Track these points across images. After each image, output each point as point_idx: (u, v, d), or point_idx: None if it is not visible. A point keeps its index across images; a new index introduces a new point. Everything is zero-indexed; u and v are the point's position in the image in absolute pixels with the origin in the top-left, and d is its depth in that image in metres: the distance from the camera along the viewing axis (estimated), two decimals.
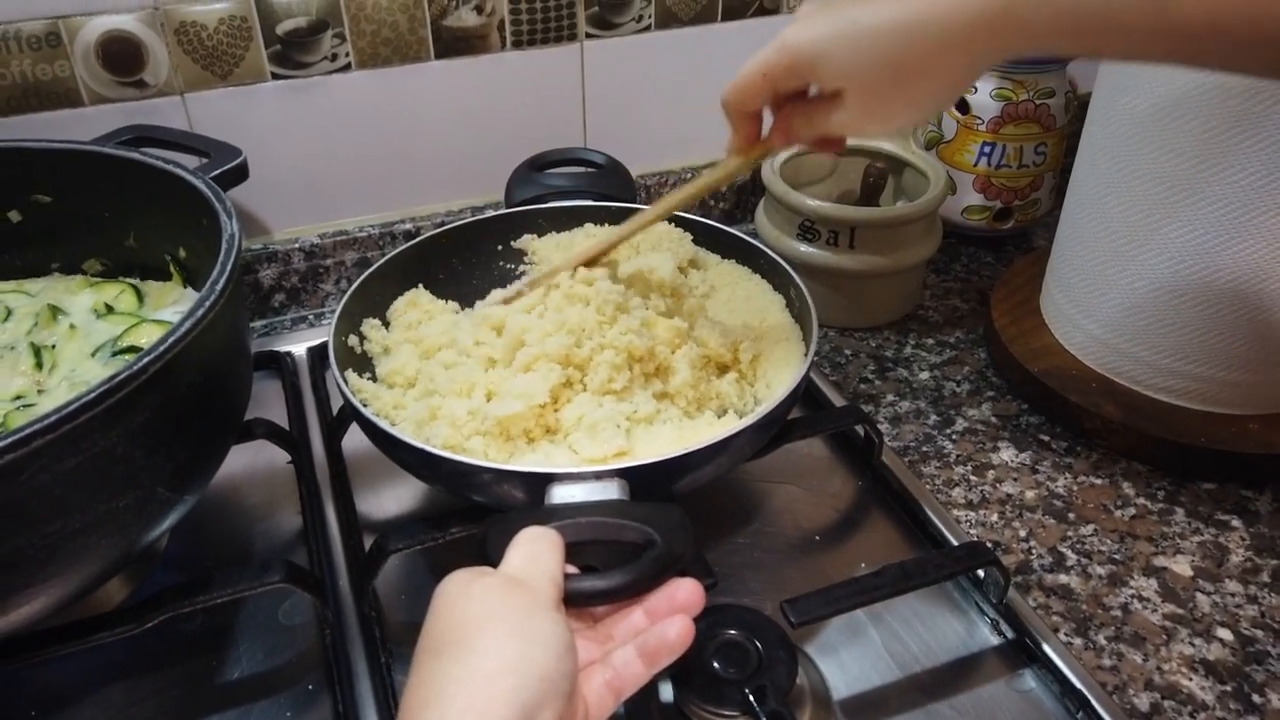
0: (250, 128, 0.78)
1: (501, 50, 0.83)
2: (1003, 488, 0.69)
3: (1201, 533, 0.65)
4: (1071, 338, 0.77)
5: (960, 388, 0.79)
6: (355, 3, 0.76)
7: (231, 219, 0.57)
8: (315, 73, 0.78)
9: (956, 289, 0.91)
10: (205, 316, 0.49)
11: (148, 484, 0.49)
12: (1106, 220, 0.71)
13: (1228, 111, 0.61)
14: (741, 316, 0.69)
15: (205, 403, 0.53)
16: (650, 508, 0.47)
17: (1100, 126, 0.71)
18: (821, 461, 0.70)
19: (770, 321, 0.68)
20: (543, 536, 0.42)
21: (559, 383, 0.58)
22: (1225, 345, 0.68)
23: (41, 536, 0.45)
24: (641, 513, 0.47)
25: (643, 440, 0.58)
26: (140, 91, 0.74)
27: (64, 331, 0.64)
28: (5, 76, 0.71)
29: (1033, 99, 0.88)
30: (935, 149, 0.94)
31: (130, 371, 0.45)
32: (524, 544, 0.42)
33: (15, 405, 0.58)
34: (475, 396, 0.59)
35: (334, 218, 0.86)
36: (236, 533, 0.66)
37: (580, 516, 0.46)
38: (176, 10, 0.72)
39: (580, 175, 0.82)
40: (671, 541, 0.44)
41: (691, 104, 0.92)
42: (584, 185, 0.80)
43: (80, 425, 0.43)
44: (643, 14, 0.86)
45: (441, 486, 0.58)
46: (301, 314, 0.87)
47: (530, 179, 0.81)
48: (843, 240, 0.81)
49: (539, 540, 0.42)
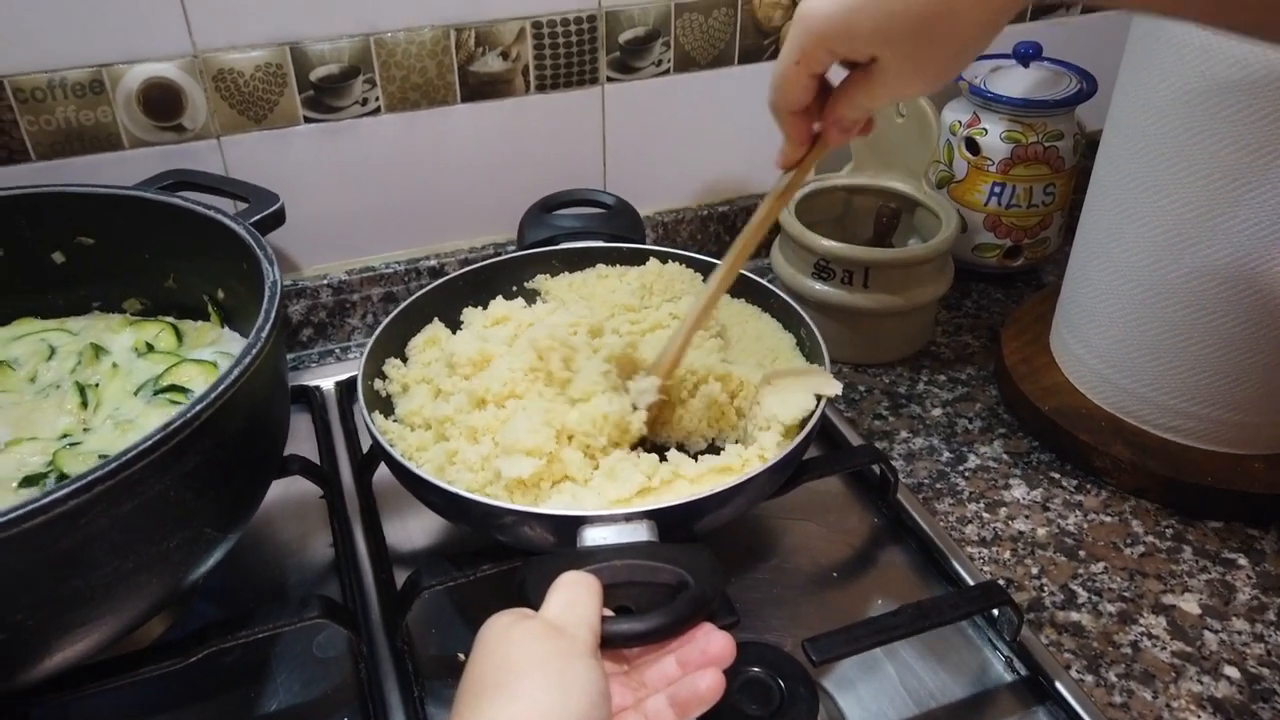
0: (283, 169, 0.81)
1: (525, 94, 0.85)
2: (1015, 525, 0.71)
3: (1209, 571, 0.67)
4: (1081, 377, 0.78)
5: (972, 424, 0.81)
6: (386, 50, 0.79)
7: (273, 266, 0.59)
8: (346, 116, 0.81)
9: (967, 325, 0.93)
10: (252, 363, 0.52)
11: (197, 524, 0.51)
12: (1114, 264, 0.73)
13: (1230, 163, 0.63)
14: (753, 355, 0.71)
15: (250, 444, 0.55)
16: (681, 549, 0.49)
17: (1107, 172, 0.73)
18: (838, 498, 0.72)
19: (781, 361, 0.70)
20: (581, 582, 0.44)
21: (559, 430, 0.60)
22: (1231, 387, 0.70)
23: (98, 577, 0.47)
24: (673, 554, 0.49)
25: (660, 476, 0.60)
26: (179, 135, 0.77)
27: (107, 370, 0.66)
28: (50, 122, 0.73)
29: (1042, 141, 0.90)
30: (946, 188, 0.96)
31: (184, 419, 0.47)
32: (563, 589, 0.44)
33: (63, 444, 0.60)
34: (484, 442, 0.60)
35: (361, 254, 0.88)
36: (270, 566, 0.68)
37: (614, 559, 0.48)
38: (215, 58, 0.75)
39: (590, 216, 0.85)
40: (704, 583, 0.46)
41: (708, 144, 0.95)
42: (594, 226, 0.83)
43: (137, 471, 0.45)
44: (662, 58, 0.88)
45: (471, 528, 0.60)
46: (328, 348, 0.90)
47: (541, 220, 0.84)
48: (857, 279, 0.83)
49: (578, 586, 0.44)
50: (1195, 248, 0.67)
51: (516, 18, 0.82)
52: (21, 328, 0.71)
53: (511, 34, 0.82)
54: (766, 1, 0.89)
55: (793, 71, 0.50)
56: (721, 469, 0.60)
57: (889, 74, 0.47)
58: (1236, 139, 0.63)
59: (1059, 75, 0.92)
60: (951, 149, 0.94)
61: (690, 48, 0.89)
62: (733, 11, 0.88)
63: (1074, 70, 0.93)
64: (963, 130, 0.93)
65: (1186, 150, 0.65)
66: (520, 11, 0.82)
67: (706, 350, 0.68)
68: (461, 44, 0.81)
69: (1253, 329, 0.67)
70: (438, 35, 0.80)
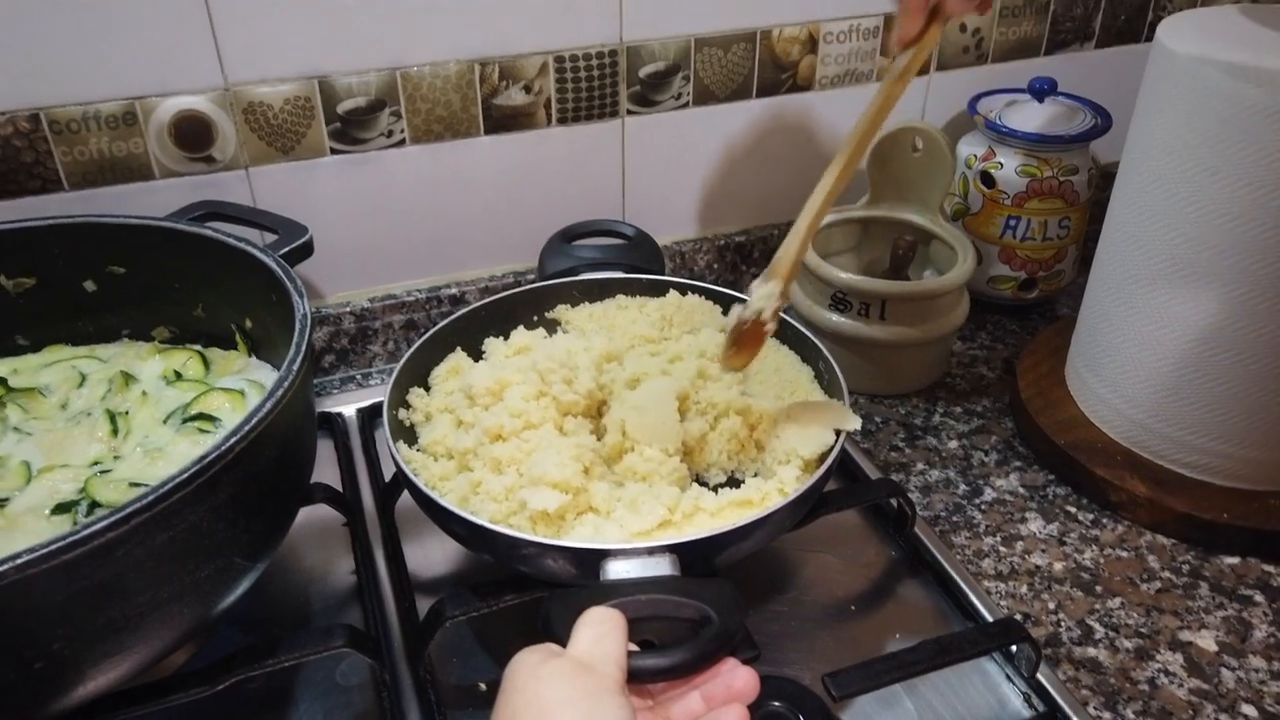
0: (309, 199, 0.82)
1: (547, 126, 0.87)
2: (1031, 559, 0.71)
3: (1226, 608, 0.67)
4: (1096, 411, 0.79)
5: (988, 457, 0.81)
6: (412, 83, 0.81)
7: (303, 299, 0.60)
8: (372, 148, 0.82)
9: (983, 357, 0.94)
10: (284, 396, 0.53)
11: (228, 554, 0.52)
12: (1129, 299, 0.73)
13: (1244, 202, 0.64)
14: (772, 388, 0.72)
15: (279, 474, 0.56)
16: (704, 584, 0.50)
17: (1123, 208, 0.74)
18: (855, 531, 0.73)
19: (799, 393, 0.71)
20: (607, 618, 0.45)
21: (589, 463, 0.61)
22: (1247, 423, 0.70)
23: (134, 606, 0.48)
24: (697, 589, 0.49)
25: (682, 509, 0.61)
26: (208, 166, 0.78)
27: (136, 398, 0.68)
28: (84, 153, 0.75)
29: (1057, 176, 0.91)
30: (962, 220, 0.97)
31: (219, 451, 0.48)
32: (590, 625, 0.44)
33: (94, 471, 0.61)
34: (508, 473, 0.61)
35: (383, 282, 0.90)
36: (293, 594, 0.68)
37: (638, 593, 0.49)
38: (245, 91, 0.77)
39: (610, 247, 0.86)
40: (727, 619, 0.47)
41: (726, 175, 0.96)
42: (614, 257, 0.84)
43: (173, 503, 0.46)
44: (681, 92, 0.90)
45: (493, 558, 0.61)
46: (350, 374, 0.91)
47: (562, 250, 0.85)
48: (873, 311, 0.84)
49: (604, 622, 0.44)
50: (1209, 284, 0.68)
51: (540, 52, 0.83)
52: (53, 355, 0.72)
53: (534, 68, 0.84)
54: (784, 37, 0.90)
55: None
56: (742, 503, 0.61)
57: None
58: (1249, 178, 0.63)
59: (1074, 110, 0.93)
60: (967, 182, 0.95)
61: (709, 82, 0.90)
62: (751, 47, 0.90)
63: (1088, 106, 0.94)
64: (978, 164, 0.94)
65: (1200, 188, 0.66)
66: (543, 46, 0.83)
67: (726, 383, 0.69)
68: (485, 78, 0.82)
69: (1268, 366, 0.68)
70: (462, 69, 0.81)
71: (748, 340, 0.63)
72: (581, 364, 0.67)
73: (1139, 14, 1.04)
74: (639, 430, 0.64)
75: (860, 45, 0.93)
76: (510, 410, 0.63)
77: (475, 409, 0.66)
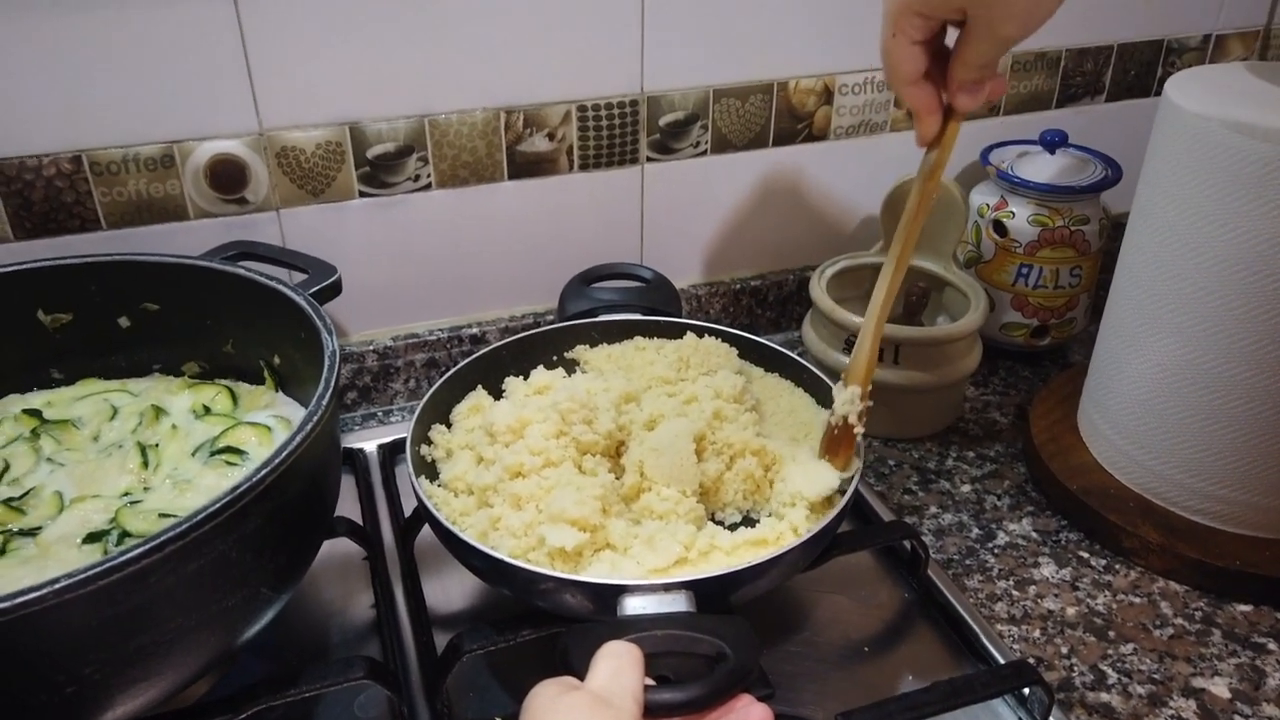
0: (336, 239, 0.85)
1: (569, 172, 0.89)
2: (1044, 603, 0.71)
3: (1239, 655, 0.67)
4: (1108, 456, 0.80)
5: (1001, 501, 0.82)
6: (439, 130, 0.83)
7: (332, 337, 0.62)
8: (399, 191, 0.85)
9: (995, 402, 0.95)
10: (313, 430, 0.54)
11: (254, 584, 0.53)
12: (1140, 347, 0.75)
13: (1251, 254, 0.65)
14: (786, 429, 0.73)
15: (305, 506, 0.58)
16: (719, 620, 0.51)
17: (1134, 258, 0.75)
18: (869, 572, 0.73)
19: (814, 434, 0.72)
20: (625, 652, 0.46)
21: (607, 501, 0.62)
22: (1259, 472, 0.71)
23: (163, 634, 0.49)
24: (712, 626, 0.50)
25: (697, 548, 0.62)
26: (241, 208, 0.81)
27: (166, 431, 0.69)
28: (122, 194, 0.77)
29: (1068, 225, 0.92)
30: (975, 268, 0.99)
31: (250, 483, 0.50)
32: (608, 659, 0.45)
33: (124, 501, 0.63)
34: (527, 509, 0.62)
35: (406, 321, 0.92)
36: (313, 626, 0.69)
37: (654, 629, 0.50)
38: (279, 136, 0.79)
39: (628, 289, 0.88)
40: (743, 655, 0.48)
41: (742, 221, 0.98)
42: (632, 299, 0.86)
43: (205, 532, 0.48)
44: (700, 140, 0.92)
45: (512, 593, 0.62)
46: (371, 411, 0.92)
47: (581, 292, 0.87)
48: (887, 356, 0.85)
49: (622, 656, 0.45)
50: (1218, 333, 0.69)
51: (563, 101, 0.86)
52: (86, 388, 0.74)
53: (558, 116, 0.86)
54: (800, 88, 0.93)
55: (892, 44, 0.52)
56: (756, 541, 0.62)
57: (980, 24, 0.49)
58: (1254, 230, 0.65)
59: (1084, 162, 0.95)
60: (980, 230, 0.97)
61: (727, 131, 0.93)
62: (768, 98, 0.92)
63: (1099, 157, 0.96)
64: (991, 213, 0.96)
65: (1207, 239, 0.68)
66: (567, 95, 0.86)
67: (741, 424, 0.70)
68: (510, 125, 0.85)
69: (1278, 414, 0.68)
70: (489, 117, 0.84)
71: (840, 443, 0.66)
72: (601, 404, 0.68)
73: (1148, 69, 1.06)
74: (656, 471, 0.65)
75: (874, 97, 0.96)
76: (531, 448, 0.65)
77: (496, 446, 0.67)
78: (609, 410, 0.68)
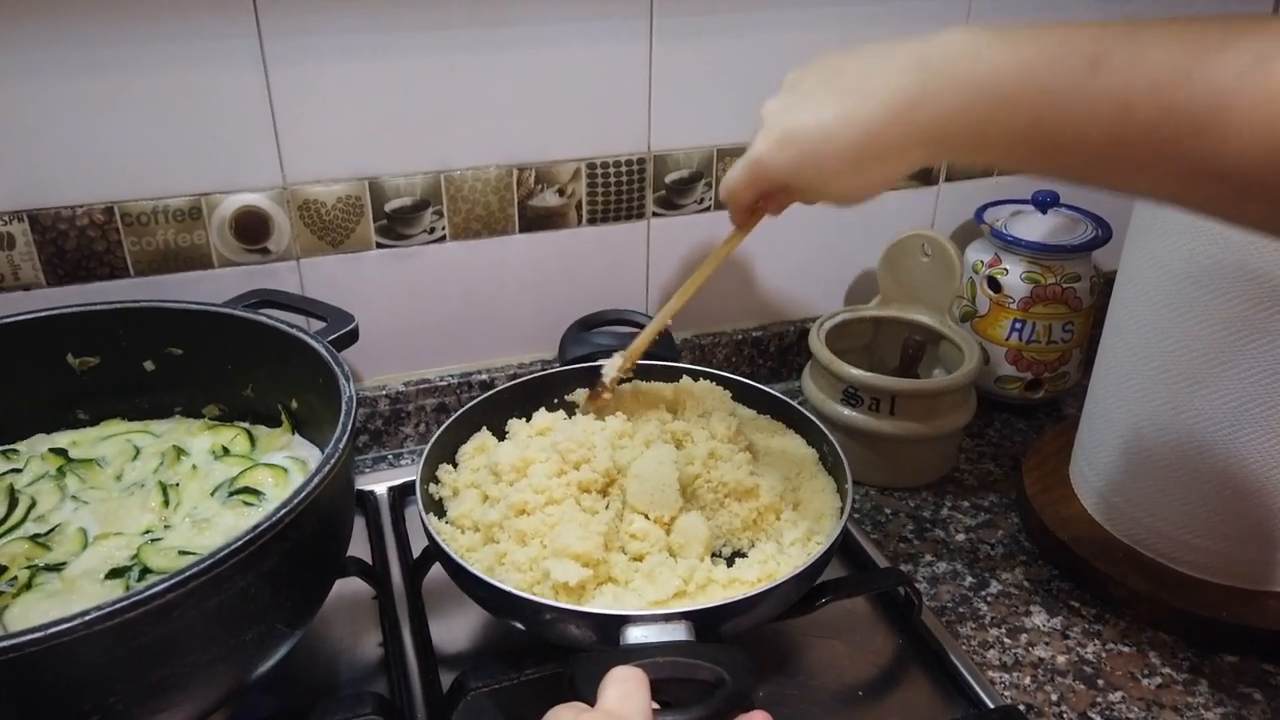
0: (353, 288, 0.88)
1: (578, 226, 0.93)
2: (1035, 651, 0.73)
3: (1225, 704, 0.69)
4: (1098, 508, 0.82)
5: (994, 550, 0.84)
6: (455, 185, 0.87)
7: (349, 383, 0.65)
8: (414, 243, 0.88)
9: (990, 453, 0.97)
10: (330, 472, 0.57)
11: (270, 619, 0.56)
12: (1127, 402, 0.77)
13: (1234, 313, 0.68)
14: (779, 468, 0.75)
15: (320, 545, 0.60)
16: (719, 648, 0.53)
17: (1121, 317, 0.78)
18: (864, 618, 0.75)
19: (804, 473, 0.75)
20: (633, 676, 0.48)
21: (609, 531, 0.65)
22: (1244, 525, 0.73)
23: (183, 666, 0.51)
24: (711, 653, 0.53)
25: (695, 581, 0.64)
26: (263, 257, 0.84)
27: (186, 471, 0.72)
28: (151, 243, 0.81)
29: (1060, 283, 0.96)
30: (970, 322, 1.01)
31: (270, 521, 0.52)
32: (617, 682, 0.47)
33: (145, 539, 0.65)
34: (532, 545, 0.65)
35: (418, 367, 0.95)
36: (323, 663, 0.72)
37: (657, 656, 0.52)
38: (302, 190, 0.83)
39: (626, 335, 0.91)
40: (740, 680, 0.50)
41: (743, 274, 1.02)
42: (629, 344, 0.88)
43: (227, 568, 0.50)
44: (704, 197, 0.96)
45: (520, 625, 0.64)
46: (382, 454, 0.95)
47: (580, 338, 0.91)
48: (883, 407, 0.88)
49: (629, 679, 0.48)
50: (1203, 391, 0.71)
51: (574, 159, 0.90)
52: (109, 429, 0.77)
53: (568, 173, 0.90)
54: None
55: (742, 193, 0.63)
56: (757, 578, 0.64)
57: (814, 197, 0.61)
58: (1235, 292, 0.68)
59: (1075, 222, 0.99)
60: (974, 286, 1.00)
61: None
62: None
63: (1089, 217, 1.00)
64: (985, 269, 0.99)
65: (1188, 299, 0.70)
66: (578, 154, 0.90)
67: (735, 464, 0.73)
68: (522, 181, 0.89)
69: (1261, 469, 0.71)
70: (502, 174, 0.88)
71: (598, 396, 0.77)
72: (598, 443, 0.71)
73: None
74: (638, 498, 0.68)
75: None
76: (534, 486, 0.68)
77: (501, 484, 0.70)
78: (605, 449, 0.71)
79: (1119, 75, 0.43)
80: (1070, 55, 0.45)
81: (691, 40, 0.89)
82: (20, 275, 0.79)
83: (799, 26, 0.91)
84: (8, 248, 0.78)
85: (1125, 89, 0.43)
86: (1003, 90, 0.47)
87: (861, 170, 0.55)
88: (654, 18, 0.87)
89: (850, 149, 0.54)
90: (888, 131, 0.52)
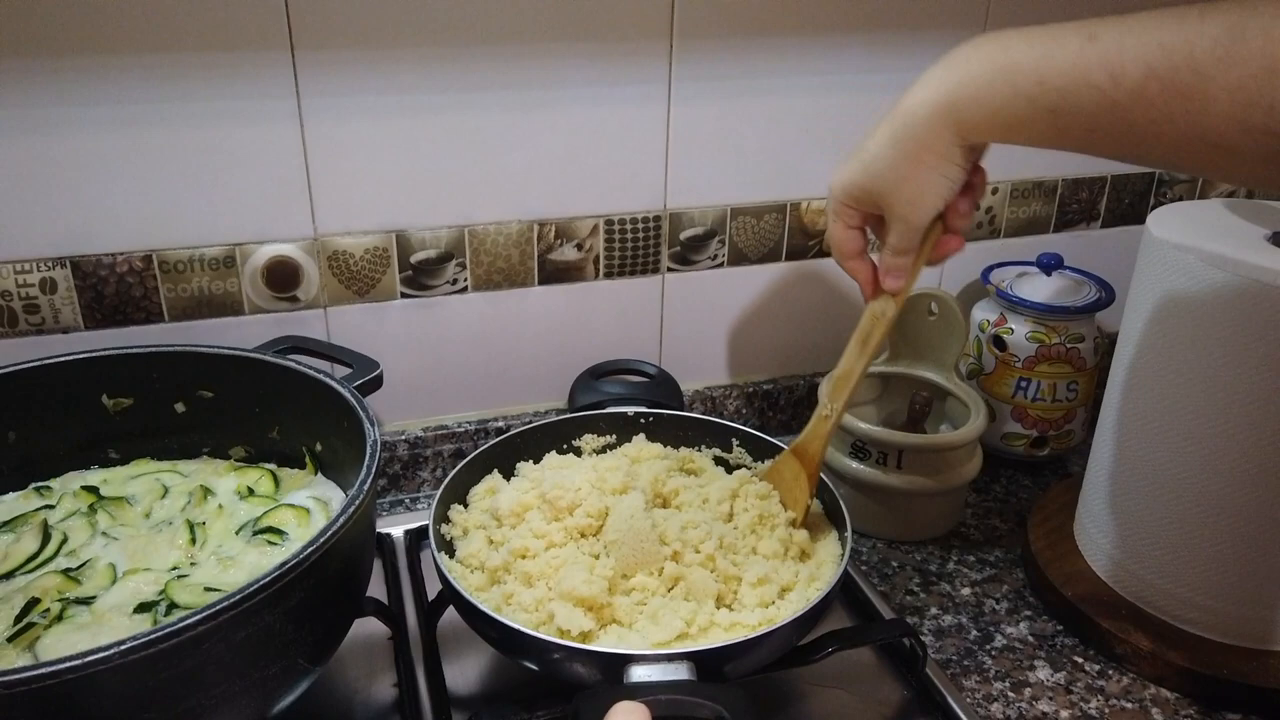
0: (377, 336, 0.91)
1: (595, 279, 0.96)
2: (1039, 705, 0.74)
3: None
4: (1102, 565, 0.83)
5: (999, 605, 0.85)
6: (478, 239, 0.90)
7: (374, 427, 0.68)
8: (437, 294, 0.92)
9: (996, 509, 0.98)
10: (354, 513, 0.59)
11: (293, 654, 0.58)
12: (1130, 461, 0.79)
13: (1222, 373, 0.70)
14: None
15: (342, 584, 0.62)
16: (720, 688, 0.55)
17: (1123, 376, 0.80)
18: (869, 669, 0.76)
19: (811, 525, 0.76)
20: (636, 710, 0.49)
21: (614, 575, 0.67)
22: (1246, 583, 0.74)
23: (209, 698, 0.53)
24: (713, 692, 0.55)
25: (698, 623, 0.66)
26: (291, 305, 0.88)
27: (213, 510, 0.74)
28: (186, 290, 0.84)
29: (1064, 342, 0.98)
30: (976, 379, 1.04)
31: (297, 559, 0.54)
32: (621, 715, 0.49)
33: (173, 575, 0.68)
34: (538, 586, 0.67)
35: (437, 414, 0.97)
36: (339, 701, 0.73)
37: (660, 694, 0.54)
38: (331, 241, 0.87)
39: (634, 384, 0.94)
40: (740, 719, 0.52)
41: (755, 329, 1.04)
42: (638, 393, 0.92)
43: (254, 604, 0.52)
44: (718, 254, 0.99)
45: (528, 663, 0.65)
46: (399, 498, 0.97)
47: (590, 386, 0.94)
48: (891, 461, 0.90)
49: (634, 714, 0.49)
50: (1204, 450, 0.73)
51: (592, 215, 0.93)
52: (139, 468, 0.79)
53: (587, 229, 0.93)
54: (812, 209, 1.00)
55: (834, 228, 0.67)
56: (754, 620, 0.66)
57: (889, 211, 0.64)
58: (1229, 355, 0.70)
59: (1079, 283, 1.01)
60: (981, 344, 1.03)
61: (743, 245, 1.00)
62: (782, 216, 0.99)
63: (1093, 279, 1.02)
64: (991, 329, 1.01)
65: (1186, 361, 0.72)
66: (596, 210, 0.93)
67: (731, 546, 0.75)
68: (543, 236, 0.92)
69: (1260, 528, 0.72)
70: (523, 229, 0.91)
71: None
72: (583, 485, 0.73)
73: (1141, 199, 1.13)
74: (624, 564, 0.69)
75: None
76: (534, 531, 0.70)
77: (503, 529, 0.73)
78: (593, 494, 0.73)
79: (1110, 47, 0.50)
80: (1071, 33, 0.52)
81: (707, 103, 0.93)
82: (60, 319, 0.82)
83: (810, 91, 0.95)
84: (49, 292, 0.81)
85: (1115, 57, 0.49)
86: (1017, 67, 0.53)
87: (910, 160, 0.60)
88: (672, 82, 0.91)
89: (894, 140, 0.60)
90: (918, 113, 0.59)
